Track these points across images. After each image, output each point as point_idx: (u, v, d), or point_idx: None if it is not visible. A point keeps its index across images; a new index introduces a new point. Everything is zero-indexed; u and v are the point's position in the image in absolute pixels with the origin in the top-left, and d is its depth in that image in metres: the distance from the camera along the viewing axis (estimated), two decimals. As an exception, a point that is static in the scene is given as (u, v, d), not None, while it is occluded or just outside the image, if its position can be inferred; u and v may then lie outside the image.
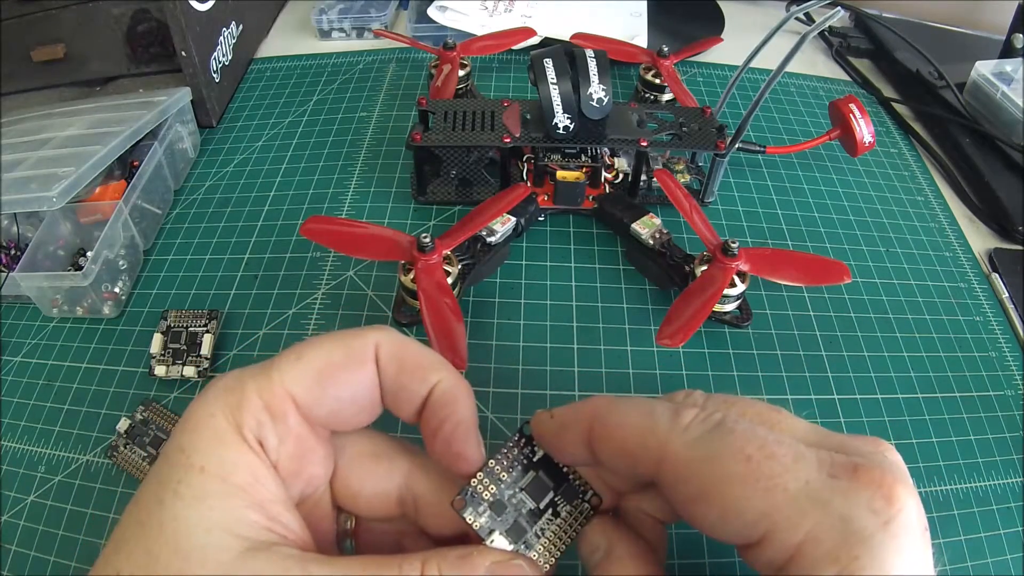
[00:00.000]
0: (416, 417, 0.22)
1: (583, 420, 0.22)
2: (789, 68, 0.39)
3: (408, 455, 0.24)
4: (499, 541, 0.22)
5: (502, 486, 0.23)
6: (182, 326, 0.39)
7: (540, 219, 0.45)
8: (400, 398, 0.22)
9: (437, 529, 0.23)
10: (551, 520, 0.23)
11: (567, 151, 0.44)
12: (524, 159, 0.47)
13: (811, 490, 0.18)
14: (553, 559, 0.22)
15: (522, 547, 0.22)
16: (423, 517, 0.23)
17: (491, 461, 0.23)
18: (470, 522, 0.22)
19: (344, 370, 0.21)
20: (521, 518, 0.22)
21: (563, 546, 0.23)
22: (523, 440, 0.23)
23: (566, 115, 0.41)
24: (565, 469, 0.23)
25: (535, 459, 0.23)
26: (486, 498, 0.22)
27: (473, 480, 0.22)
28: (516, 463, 0.23)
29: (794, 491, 0.18)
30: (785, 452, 0.19)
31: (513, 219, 0.42)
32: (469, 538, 0.22)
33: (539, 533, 0.22)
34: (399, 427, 0.33)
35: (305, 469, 0.21)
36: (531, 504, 0.23)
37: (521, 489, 0.23)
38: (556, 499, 0.23)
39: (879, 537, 0.17)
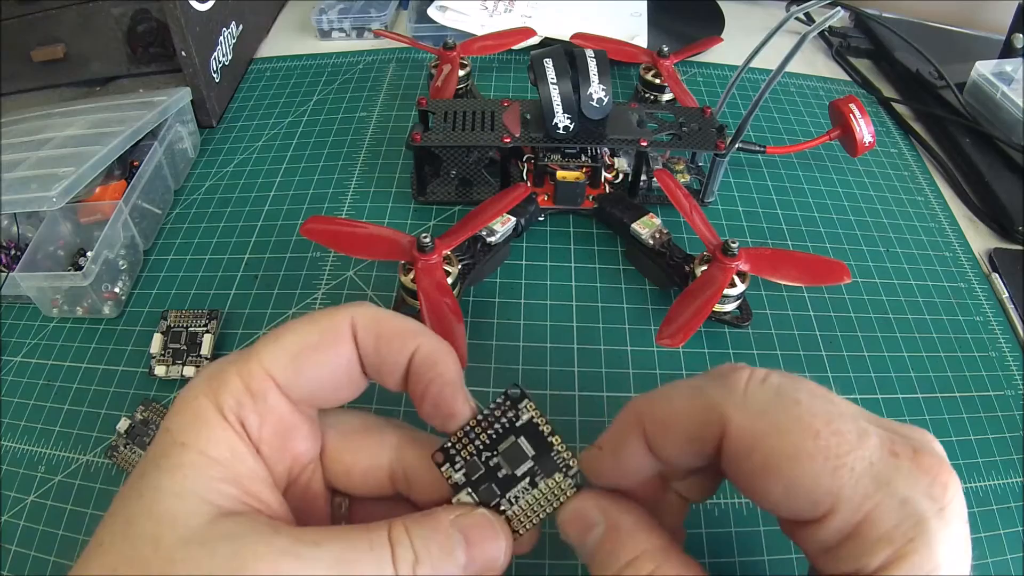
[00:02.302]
0: (402, 386, 0.22)
1: (633, 430, 0.21)
2: (789, 68, 0.39)
3: (397, 429, 0.24)
4: (465, 499, 0.22)
5: (480, 447, 0.22)
6: (182, 326, 0.39)
7: (540, 219, 0.45)
8: (383, 369, 0.22)
9: (428, 503, 0.23)
10: (527, 489, 0.22)
11: (567, 151, 0.44)
12: (524, 159, 0.47)
13: (875, 470, 0.18)
14: (524, 529, 0.22)
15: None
16: (414, 490, 0.23)
17: (472, 421, 0.22)
18: (446, 476, 0.22)
19: (319, 349, 0.21)
20: (495, 482, 0.22)
21: (536, 519, 0.22)
22: (508, 402, 0.22)
23: (566, 115, 0.41)
24: (549, 439, 0.22)
25: (517, 424, 0.22)
26: (464, 456, 0.22)
27: (453, 437, 0.22)
28: (496, 425, 0.22)
29: (860, 471, 0.18)
30: (850, 428, 0.18)
31: (513, 219, 0.42)
32: None
33: (512, 500, 0.22)
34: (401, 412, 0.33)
35: (289, 446, 0.22)
36: (506, 470, 0.22)
37: (497, 453, 0.22)
38: (535, 468, 0.22)
39: (934, 523, 0.17)
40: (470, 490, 0.22)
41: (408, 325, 0.22)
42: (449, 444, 0.22)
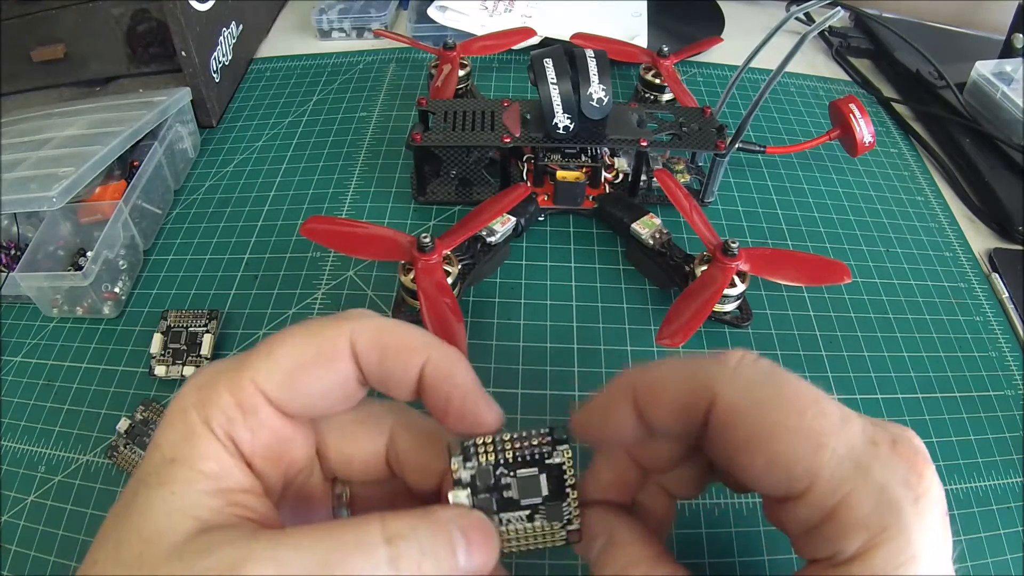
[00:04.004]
0: (413, 396, 0.22)
1: (624, 393, 0.21)
2: (789, 68, 0.39)
3: (391, 413, 0.24)
4: (461, 499, 0.21)
5: (500, 461, 0.22)
6: (182, 326, 0.39)
7: (540, 219, 0.45)
8: (389, 383, 0.22)
9: (419, 485, 0.23)
10: (521, 520, 0.22)
11: (567, 151, 0.44)
12: (524, 159, 0.47)
13: (855, 455, 0.18)
14: (505, 550, 0.22)
15: None
16: (407, 474, 0.23)
17: (506, 433, 0.22)
18: (454, 468, 0.21)
19: (314, 367, 0.21)
20: (495, 499, 0.22)
21: (517, 549, 0.22)
22: (548, 439, 0.22)
23: (566, 115, 0.41)
24: (567, 490, 0.22)
25: (547, 461, 0.22)
26: (480, 461, 0.22)
27: (480, 438, 0.22)
28: (526, 452, 0.22)
29: (841, 453, 0.18)
30: (834, 410, 0.19)
31: (513, 219, 0.42)
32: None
33: (503, 521, 0.22)
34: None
35: (284, 455, 0.22)
36: (514, 494, 0.22)
37: (513, 475, 0.22)
38: (539, 507, 0.22)
39: (909, 511, 0.18)
40: (470, 492, 0.22)
41: (414, 337, 0.22)
42: (471, 443, 0.22)
